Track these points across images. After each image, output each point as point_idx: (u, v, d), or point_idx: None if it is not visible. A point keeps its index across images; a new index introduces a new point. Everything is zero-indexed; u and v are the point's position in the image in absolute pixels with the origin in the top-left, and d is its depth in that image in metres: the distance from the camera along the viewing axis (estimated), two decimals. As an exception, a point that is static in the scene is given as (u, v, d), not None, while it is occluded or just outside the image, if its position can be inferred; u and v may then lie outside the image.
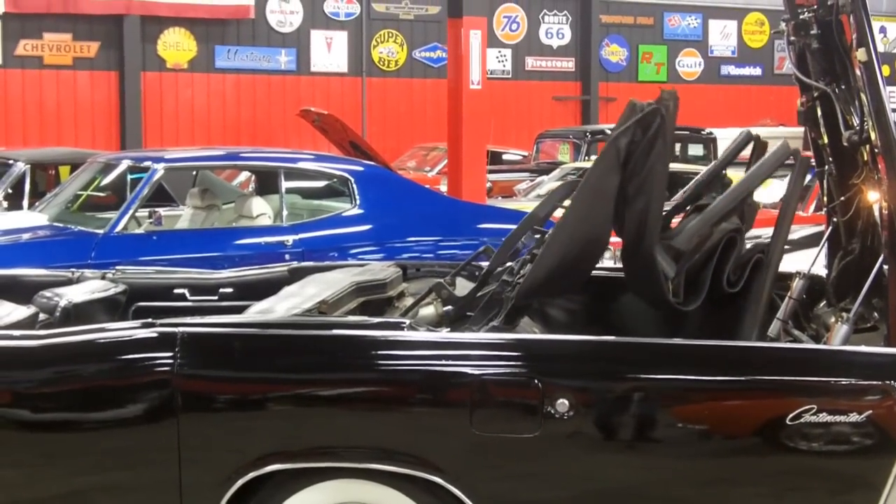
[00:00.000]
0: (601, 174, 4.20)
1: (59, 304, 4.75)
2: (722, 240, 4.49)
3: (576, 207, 4.24)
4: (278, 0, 23.73)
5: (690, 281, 4.46)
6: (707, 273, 4.48)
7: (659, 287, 4.30)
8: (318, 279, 5.00)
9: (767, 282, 4.49)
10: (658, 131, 4.17)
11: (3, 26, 21.26)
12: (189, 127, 22.80)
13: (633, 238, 4.25)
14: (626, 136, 4.18)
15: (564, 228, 4.22)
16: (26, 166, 12.23)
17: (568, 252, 4.23)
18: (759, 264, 4.55)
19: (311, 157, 10.11)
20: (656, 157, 4.18)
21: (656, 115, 4.18)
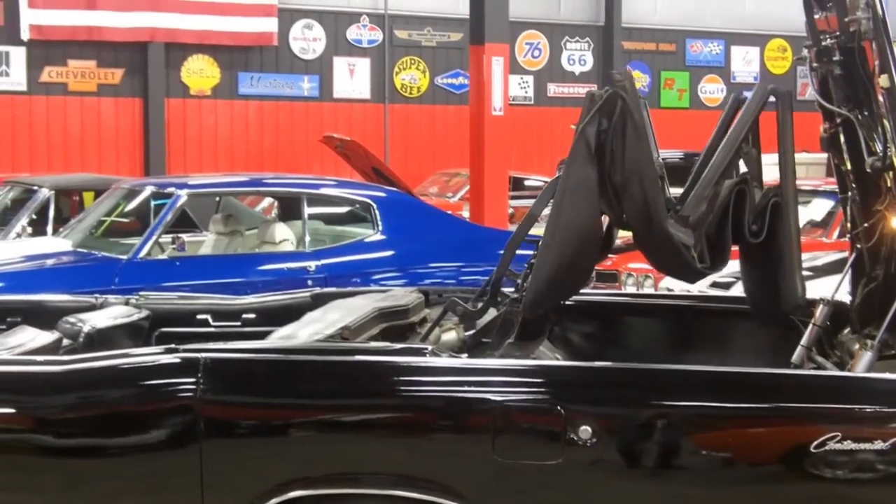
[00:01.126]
0: (577, 169, 4.20)
1: (82, 329, 4.76)
2: (731, 195, 4.44)
3: (560, 207, 4.23)
4: (301, 27, 23.83)
5: (712, 244, 4.43)
6: (726, 231, 4.44)
7: (683, 259, 4.28)
8: (341, 305, 5.00)
9: (792, 219, 4.46)
10: (623, 114, 4.17)
11: (28, 53, 21.40)
12: (212, 153, 22.89)
13: (641, 221, 4.24)
14: (591, 125, 4.19)
15: (554, 231, 4.22)
16: (51, 192, 12.29)
17: (563, 254, 4.22)
18: (776, 208, 4.50)
19: (333, 184, 10.15)
20: (633, 139, 4.18)
21: (615, 99, 4.19)
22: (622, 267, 11.12)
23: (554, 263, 4.21)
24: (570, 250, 4.22)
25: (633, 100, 4.20)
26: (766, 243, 4.50)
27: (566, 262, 4.23)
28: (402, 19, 24.67)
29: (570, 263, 4.25)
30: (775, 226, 4.48)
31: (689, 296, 7.45)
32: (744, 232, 4.46)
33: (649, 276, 10.79)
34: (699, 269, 4.35)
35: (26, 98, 21.53)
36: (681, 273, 4.51)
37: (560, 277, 4.26)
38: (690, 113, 27.40)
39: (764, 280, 4.59)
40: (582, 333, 5.32)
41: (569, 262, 4.23)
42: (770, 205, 4.49)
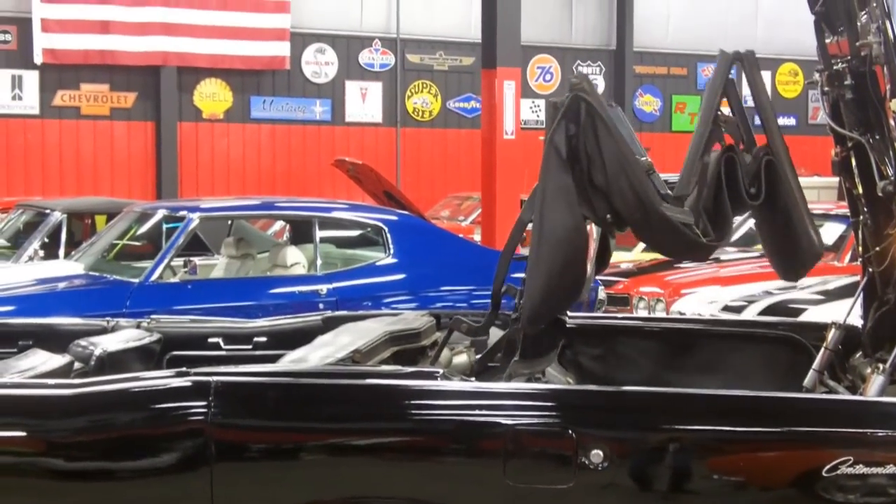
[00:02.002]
0: (552, 178, 4.17)
1: (93, 353, 4.76)
2: (720, 165, 4.40)
3: (541, 219, 4.19)
4: (314, 51, 23.92)
5: (713, 217, 4.39)
6: (723, 201, 4.39)
7: (687, 238, 4.26)
8: (352, 328, 5.00)
9: (788, 173, 4.44)
10: (589, 115, 4.15)
11: (42, 77, 21.50)
12: (224, 177, 22.95)
13: (637, 213, 4.21)
14: (558, 133, 4.16)
15: (539, 244, 4.18)
16: (63, 216, 12.32)
17: (552, 264, 4.18)
18: (770, 166, 4.46)
19: (345, 207, 10.16)
20: (606, 136, 4.16)
21: (577, 102, 4.16)
22: (634, 290, 11.12)
23: (545, 276, 4.17)
24: (560, 260, 4.18)
25: (595, 99, 4.18)
26: (771, 203, 4.47)
27: (557, 273, 4.19)
28: (414, 43, 24.75)
29: (561, 273, 4.20)
30: (773, 184, 4.45)
31: (700, 319, 7.44)
32: (742, 197, 4.41)
33: (661, 299, 10.79)
34: (706, 244, 4.32)
35: (39, 121, 21.62)
36: (690, 252, 4.52)
37: (553, 289, 4.22)
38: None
39: (780, 239, 4.57)
40: (593, 357, 5.31)
41: (559, 272, 4.19)
42: (763, 165, 4.45)
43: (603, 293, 10.19)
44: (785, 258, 4.68)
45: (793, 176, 4.47)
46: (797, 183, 4.48)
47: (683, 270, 11.82)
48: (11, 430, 3.82)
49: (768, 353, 5.09)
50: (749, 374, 5.05)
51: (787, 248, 4.57)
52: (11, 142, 21.38)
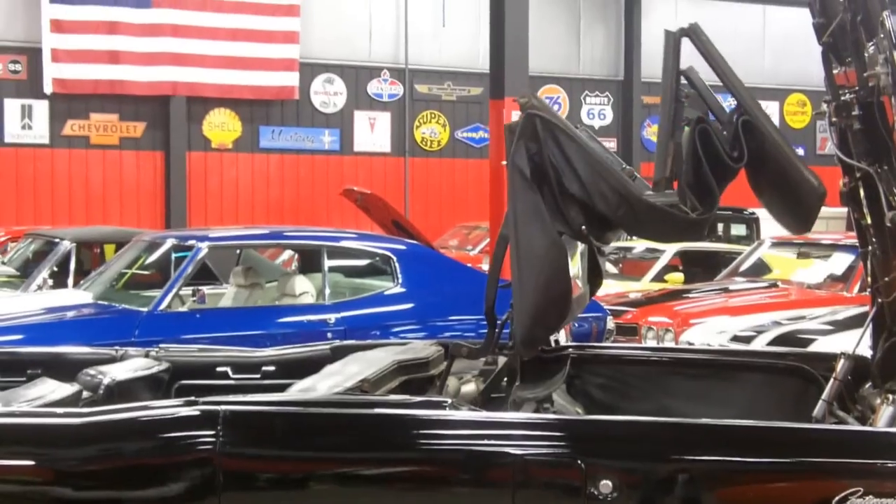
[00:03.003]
0: (519, 198, 4.15)
1: (102, 381, 4.77)
2: (694, 139, 4.38)
3: (517, 242, 4.17)
4: (322, 81, 24.00)
5: (698, 192, 4.38)
6: (705, 173, 4.38)
7: (676, 218, 4.27)
8: (360, 358, 5.00)
9: (767, 126, 4.43)
10: (547, 129, 4.15)
11: (51, 107, 21.59)
12: (233, 206, 22.99)
13: (622, 209, 4.21)
14: (518, 154, 4.14)
15: (519, 267, 4.15)
16: (72, 245, 12.35)
17: (535, 284, 4.15)
18: (747, 125, 4.45)
19: (353, 236, 10.17)
20: (570, 144, 4.16)
21: (531, 120, 4.16)
22: (642, 320, 11.11)
23: (530, 296, 4.15)
24: (542, 279, 4.15)
25: (548, 113, 4.19)
26: (759, 160, 4.47)
27: (541, 292, 4.16)
28: (423, 74, 24.83)
29: (546, 291, 4.17)
30: (756, 141, 4.44)
31: (709, 350, 7.43)
32: (725, 164, 4.40)
33: (670, 329, 10.78)
34: (697, 220, 4.31)
35: (49, 151, 21.70)
36: (685, 233, 4.47)
37: (541, 309, 4.18)
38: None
39: (780, 193, 4.55)
40: (602, 387, 5.30)
41: (543, 290, 4.16)
42: (740, 126, 4.44)
43: (611, 323, 10.18)
44: (790, 210, 4.66)
45: (774, 129, 4.47)
46: (780, 135, 4.47)
47: (693, 300, 11.81)
48: (20, 459, 3.82)
49: (778, 383, 5.08)
50: (758, 404, 5.04)
51: (790, 199, 4.56)
52: (21, 171, 21.46)
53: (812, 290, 11.98)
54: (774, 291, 11.98)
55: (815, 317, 9.82)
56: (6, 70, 21.33)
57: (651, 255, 15.51)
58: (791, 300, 11.50)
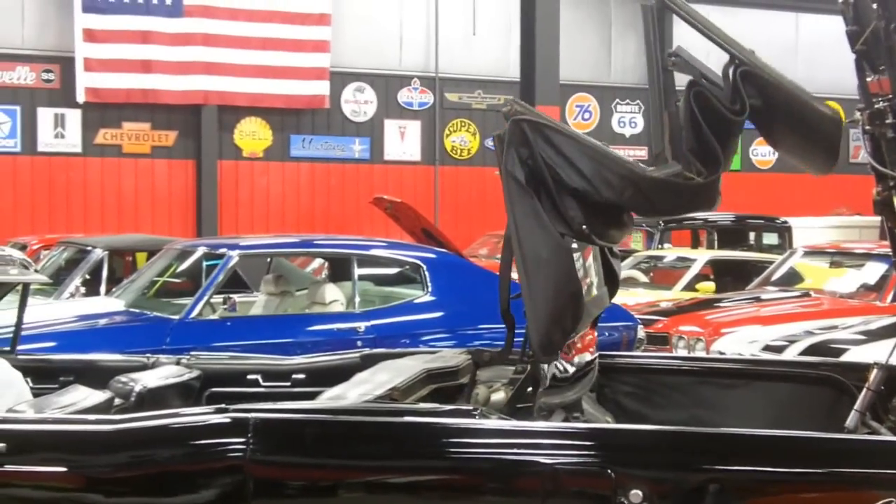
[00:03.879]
0: (517, 205, 4.11)
1: (134, 389, 4.79)
2: (689, 103, 4.35)
3: (521, 248, 4.12)
4: (353, 90, 24.04)
5: (702, 156, 4.33)
6: (706, 136, 4.33)
7: (683, 187, 4.23)
8: (390, 366, 5.00)
9: (766, 72, 4.37)
10: (536, 130, 4.10)
11: (84, 115, 21.70)
12: (264, 214, 23.05)
13: (629, 191, 4.16)
14: (510, 161, 4.10)
15: (526, 273, 4.11)
16: (104, 253, 12.41)
17: (544, 288, 4.11)
18: (746, 75, 4.38)
19: (383, 245, 10.17)
20: (563, 140, 4.12)
21: (519, 126, 4.11)
22: (673, 329, 11.07)
23: (540, 302, 4.10)
24: (550, 282, 4.10)
25: (532, 115, 4.15)
26: (765, 107, 4.40)
27: (551, 296, 4.11)
28: (453, 82, 24.84)
29: (556, 294, 4.12)
30: (756, 88, 4.37)
31: (741, 359, 7.40)
32: (727, 119, 4.34)
33: (701, 339, 10.73)
34: (704, 183, 4.26)
35: (81, 159, 21.81)
36: (696, 200, 4.36)
37: (553, 313, 4.13)
38: (742, 176, 27.30)
39: (797, 134, 4.49)
40: (633, 396, 5.29)
41: (553, 294, 4.11)
42: (738, 76, 4.37)
43: (642, 332, 10.15)
44: (812, 148, 4.60)
45: (774, 73, 4.40)
46: (782, 77, 4.41)
47: (724, 310, 11.76)
48: (52, 466, 3.84)
49: (810, 393, 5.05)
50: (790, 414, 5.02)
51: (809, 137, 4.49)
52: (54, 179, 21.58)
53: (844, 299, 11.90)
54: (806, 301, 11.92)
55: (848, 326, 9.76)
56: (39, 79, 21.46)
57: (682, 263, 15.45)
58: (823, 309, 11.43)
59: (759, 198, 25.95)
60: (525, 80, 15.26)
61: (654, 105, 4.42)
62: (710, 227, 19.36)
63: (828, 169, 4.64)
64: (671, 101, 4.42)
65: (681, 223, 20.10)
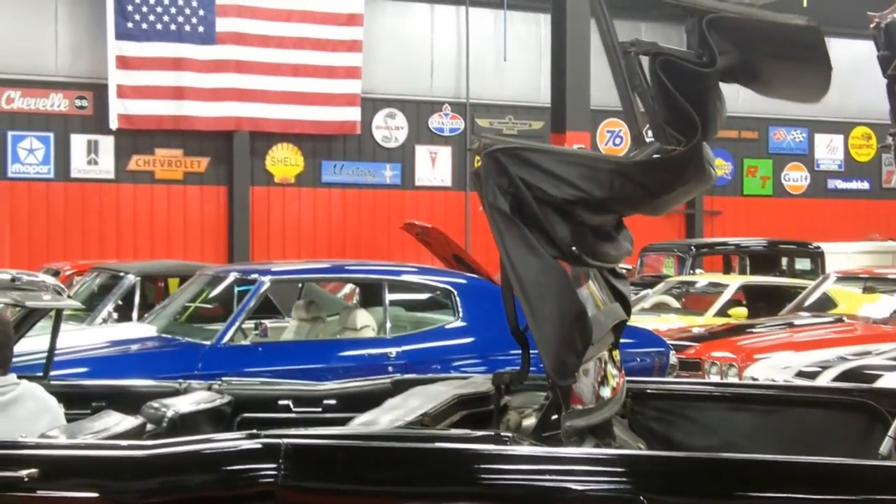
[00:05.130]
0: (506, 236, 4.10)
1: (165, 414, 4.80)
2: (658, 75, 4.28)
3: (518, 278, 4.10)
4: (384, 116, 24.12)
5: (680, 124, 4.29)
6: (678, 103, 4.27)
7: (668, 160, 4.21)
8: (421, 392, 5.00)
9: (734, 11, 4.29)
10: (509, 155, 4.08)
11: (117, 142, 21.84)
12: (295, 240, 23.12)
13: (618, 181, 4.13)
14: (491, 194, 4.10)
15: (526, 300, 4.10)
16: (136, 279, 12.48)
17: (546, 312, 4.09)
18: (712, 22, 4.27)
19: (414, 270, 10.18)
20: (540, 157, 4.10)
21: (493, 157, 4.10)
22: (706, 355, 11.02)
23: (546, 326, 4.09)
24: (552, 305, 4.09)
25: (502, 142, 4.13)
26: (741, 48, 4.33)
27: (556, 318, 4.09)
28: (484, 108, 24.89)
29: (559, 316, 4.10)
30: (727, 32, 4.29)
31: (774, 385, 7.36)
32: (700, 74, 4.26)
33: (733, 364, 10.68)
34: (687, 150, 4.19)
35: (114, 186, 21.95)
36: (685, 170, 4.27)
37: (561, 334, 4.10)
38: (774, 201, 27.22)
39: (782, 64, 4.42)
40: (665, 422, 5.26)
41: (557, 316, 4.09)
42: (704, 26, 4.27)
43: (674, 358, 10.10)
44: (802, 69, 4.51)
45: (738, 9, 4.35)
46: (746, 9, 4.36)
47: (757, 335, 11.70)
48: (85, 491, 3.85)
49: (843, 419, 5.02)
50: (824, 440, 4.98)
51: (795, 58, 4.42)
52: (87, 205, 21.72)
53: (878, 324, 11.83)
54: (840, 326, 11.85)
55: (882, 352, 9.69)
56: (73, 106, 21.63)
57: (714, 289, 15.40)
58: (857, 335, 11.36)
59: (792, 223, 25.84)
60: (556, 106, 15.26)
61: (622, 91, 4.40)
62: (743, 253, 19.30)
63: (826, 83, 4.52)
64: (637, 82, 4.40)
65: (713, 248, 20.06)
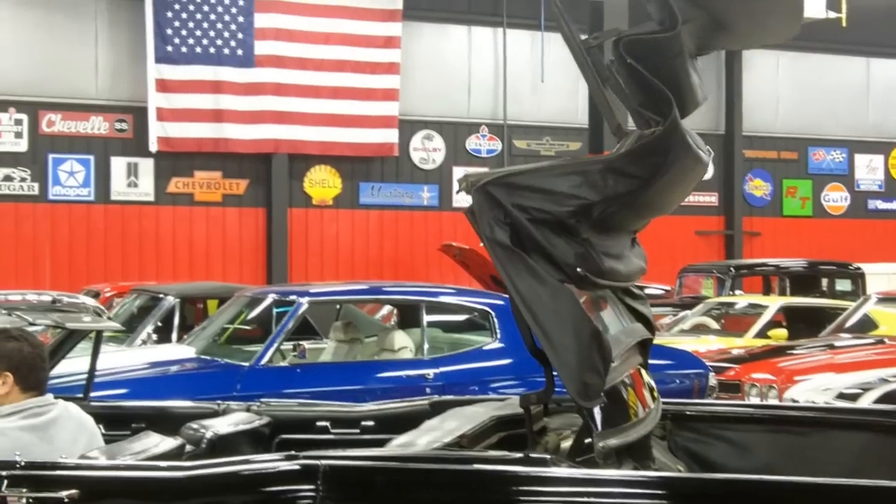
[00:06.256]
0: (509, 269, 4.10)
1: (205, 435, 4.82)
2: (623, 58, 4.20)
3: (528, 307, 4.09)
4: (422, 138, 24.17)
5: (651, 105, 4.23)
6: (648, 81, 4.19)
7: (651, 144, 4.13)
8: (459, 413, 4.99)
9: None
10: (499, 185, 4.09)
11: (157, 164, 21.98)
12: (333, 261, 23.17)
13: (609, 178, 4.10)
14: (489, 229, 4.12)
15: (539, 327, 4.08)
16: (176, 300, 12.53)
17: (561, 335, 4.07)
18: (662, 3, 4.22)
19: (452, 292, 10.18)
20: (533, 178, 4.11)
21: (483, 191, 4.11)
22: (745, 377, 10.95)
23: (562, 350, 4.06)
24: (565, 328, 4.07)
25: (488, 177, 4.12)
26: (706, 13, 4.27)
27: (571, 341, 4.07)
28: (521, 129, 24.89)
29: (576, 338, 4.07)
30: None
31: (815, 407, 7.30)
32: (663, 42, 4.18)
33: (773, 386, 10.61)
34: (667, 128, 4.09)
35: (154, 208, 22.08)
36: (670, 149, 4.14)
37: (579, 356, 4.07)
38: (814, 221, 27.06)
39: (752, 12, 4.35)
40: (705, 444, 5.23)
41: (572, 338, 4.07)
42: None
43: (714, 380, 10.05)
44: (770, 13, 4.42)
45: None
46: None
47: (797, 357, 11.63)
48: (124, 512, 3.86)
49: (885, 441, 4.97)
50: (865, 463, 4.93)
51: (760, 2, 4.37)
52: (127, 228, 21.86)
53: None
54: (881, 348, 11.75)
55: (924, 374, 9.60)
56: (113, 129, 21.81)
57: (754, 310, 15.31)
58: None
59: (832, 244, 25.67)
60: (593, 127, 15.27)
61: (594, 88, 4.38)
62: (783, 274, 19.19)
63: (798, 13, 4.46)
64: (606, 74, 4.37)
65: (752, 269, 19.95)
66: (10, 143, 21.13)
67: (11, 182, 21.09)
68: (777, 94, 27.01)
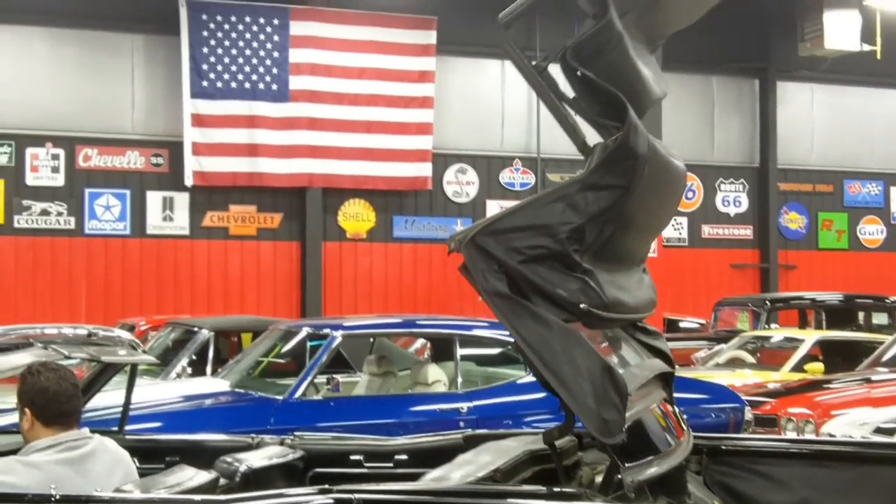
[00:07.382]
0: (511, 318, 4.07)
1: (238, 469, 4.82)
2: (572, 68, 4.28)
3: (532, 351, 4.08)
4: (455, 171, 24.21)
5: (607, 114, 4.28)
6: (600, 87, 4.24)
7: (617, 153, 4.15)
8: (493, 447, 4.97)
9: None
10: (489, 236, 4.08)
11: (192, 198, 22.09)
12: (367, 295, 23.20)
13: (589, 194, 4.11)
14: (485, 282, 4.08)
15: (548, 370, 4.08)
16: (210, 333, 12.57)
17: (571, 375, 4.06)
18: None
19: (485, 325, 10.16)
20: (519, 218, 4.12)
21: (473, 246, 4.11)
22: (782, 411, 10.88)
23: (576, 389, 4.06)
24: (575, 368, 4.06)
25: (473, 230, 4.14)
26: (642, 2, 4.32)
27: (584, 379, 4.05)
28: (555, 162, 24.89)
29: (589, 376, 4.06)
30: None
31: (852, 442, 7.24)
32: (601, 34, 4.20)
33: (810, 420, 10.53)
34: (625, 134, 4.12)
35: (189, 242, 22.19)
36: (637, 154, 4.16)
37: (594, 393, 4.05)
38: (849, 255, 26.89)
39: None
40: (740, 479, 5.19)
41: (585, 376, 4.05)
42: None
43: (750, 414, 9.98)
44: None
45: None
46: None
47: (833, 391, 11.54)
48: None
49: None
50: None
51: None
52: (162, 261, 21.97)
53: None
54: (919, 382, 11.65)
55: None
56: (149, 163, 21.95)
57: (790, 344, 15.22)
58: (936, 391, 11.17)
59: (868, 277, 25.50)
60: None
61: (553, 109, 4.39)
62: (819, 307, 19.08)
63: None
64: (560, 93, 4.38)
65: (788, 303, 19.85)
66: (47, 177, 21.30)
67: (48, 216, 21.25)
68: (812, 127, 26.93)
